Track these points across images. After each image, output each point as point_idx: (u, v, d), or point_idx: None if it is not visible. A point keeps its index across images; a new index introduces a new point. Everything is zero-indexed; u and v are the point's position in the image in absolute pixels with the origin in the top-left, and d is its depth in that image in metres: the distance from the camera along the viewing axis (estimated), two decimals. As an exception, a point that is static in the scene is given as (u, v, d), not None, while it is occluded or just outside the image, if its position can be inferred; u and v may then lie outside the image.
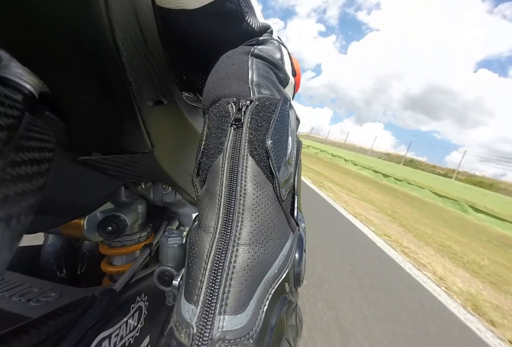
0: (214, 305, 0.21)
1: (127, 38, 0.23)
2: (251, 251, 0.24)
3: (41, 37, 0.20)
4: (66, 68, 0.22)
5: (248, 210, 0.25)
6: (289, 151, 0.29)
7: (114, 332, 0.31)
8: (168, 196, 0.53)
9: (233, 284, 0.22)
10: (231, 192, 0.25)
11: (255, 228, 0.24)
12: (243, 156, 0.27)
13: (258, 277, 0.23)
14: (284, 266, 0.26)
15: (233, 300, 0.21)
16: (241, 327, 0.21)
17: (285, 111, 0.30)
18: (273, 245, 0.25)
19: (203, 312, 0.21)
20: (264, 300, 0.23)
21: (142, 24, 0.25)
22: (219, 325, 0.21)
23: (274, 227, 0.26)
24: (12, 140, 0.13)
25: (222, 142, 0.28)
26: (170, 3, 0.29)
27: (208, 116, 0.30)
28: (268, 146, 0.26)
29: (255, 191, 0.26)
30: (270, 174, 0.26)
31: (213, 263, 0.23)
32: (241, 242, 0.24)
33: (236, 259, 0.23)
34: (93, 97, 0.25)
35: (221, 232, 0.24)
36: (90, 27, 0.20)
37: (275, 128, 0.28)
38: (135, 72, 0.25)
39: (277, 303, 0.25)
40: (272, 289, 0.24)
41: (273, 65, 0.34)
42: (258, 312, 0.23)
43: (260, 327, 0.22)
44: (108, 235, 0.43)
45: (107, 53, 0.22)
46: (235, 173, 0.26)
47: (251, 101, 0.29)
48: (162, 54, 0.31)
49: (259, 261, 0.24)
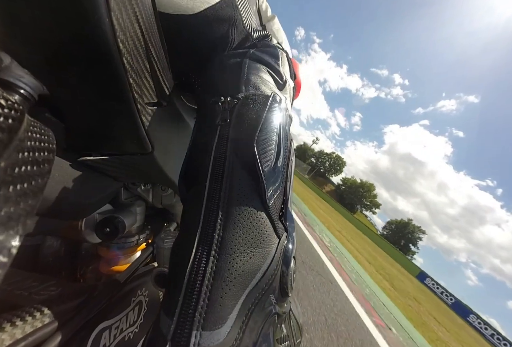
0: (190, 319, 0.19)
1: (128, 39, 0.23)
2: (232, 261, 0.22)
3: (41, 39, 0.20)
4: (66, 70, 0.22)
5: (231, 216, 0.23)
6: (278, 150, 0.27)
7: (115, 324, 0.31)
8: (167, 198, 0.53)
9: (212, 297, 0.20)
10: (213, 198, 0.24)
11: (237, 237, 0.23)
12: (228, 159, 0.26)
13: (239, 289, 0.21)
14: (268, 276, 0.23)
15: (211, 313, 0.20)
16: (219, 344, 0.19)
17: (274, 109, 0.29)
18: (257, 254, 0.23)
19: (178, 327, 0.20)
20: (247, 313, 0.21)
21: (143, 27, 0.26)
22: (194, 342, 0.19)
23: (259, 235, 0.24)
24: (13, 142, 0.13)
25: (209, 143, 0.27)
26: (169, 8, 0.29)
27: (197, 117, 0.30)
28: (256, 145, 0.25)
29: (239, 196, 0.24)
30: (257, 178, 0.25)
31: (191, 274, 0.21)
32: (222, 251, 0.22)
33: (216, 270, 0.21)
34: (92, 98, 0.25)
35: (201, 240, 0.22)
36: (91, 29, 0.20)
37: (263, 128, 0.27)
38: (135, 74, 0.25)
39: (262, 315, 0.23)
40: (256, 301, 0.22)
41: (269, 67, 0.34)
42: (239, 327, 0.21)
43: (241, 343, 0.20)
44: (106, 237, 0.43)
45: (108, 54, 0.22)
46: (219, 177, 0.25)
47: (238, 100, 0.28)
48: (162, 56, 0.32)
49: (240, 272, 0.22)
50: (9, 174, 0.12)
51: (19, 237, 0.13)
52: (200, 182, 0.26)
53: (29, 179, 0.14)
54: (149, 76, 0.29)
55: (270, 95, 0.30)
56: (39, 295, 0.30)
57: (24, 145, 0.14)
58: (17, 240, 0.13)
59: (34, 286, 0.32)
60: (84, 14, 0.19)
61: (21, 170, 0.13)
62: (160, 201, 0.53)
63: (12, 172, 0.12)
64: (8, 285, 0.32)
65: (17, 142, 0.13)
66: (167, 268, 0.31)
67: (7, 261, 0.12)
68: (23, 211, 0.13)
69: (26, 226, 0.13)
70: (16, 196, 0.13)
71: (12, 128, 0.13)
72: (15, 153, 0.13)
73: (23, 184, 0.13)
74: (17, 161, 0.13)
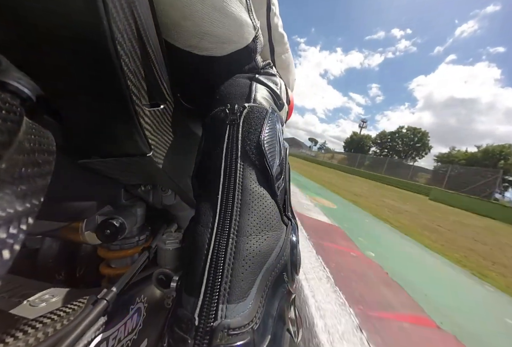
0: (216, 294, 0.22)
1: (126, 41, 0.23)
2: (249, 242, 0.25)
3: (39, 41, 0.20)
4: (64, 72, 0.22)
5: (245, 204, 0.26)
6: (279, 154, 0.32)
7: (112, 335, 0.31)
8: (168, 199, 0.53)
9: (234, 274, 0.23)
10: (229, 188, 0.27)
11: (252, 221, 0.26)
12: (239, 156, 0.29)
13: (257, 266, 0.24)
14: (281, 256, 0.27)
15: (234, 288, 0.22)
16: (243, 315, 0.21)
17: (273, 119, 0.34)
18: (270, 236, 0.26)
19: (205, 302, 0.22)
20: (265, 288, 0.24)
21: (142, 28, 0.26)
22: (221, 315, 0.21)
23: (270, 220, 0.27)
24: (13, 144, 0.13)
25: (220, 144, 0.30)
26: (204, 51, 0.33)
27: (207, 122, 0.34)
28: (262, 145, 0.29)
29: (251, 186, 0.28)
30: (265, 172, 0.29)
31: (213, 255, 0.24)
32: (240, 234, 0.25)
33: (236, 250, 0.24)
34: (90, 100, 0.25)
35: (219, 226, 0.25)
36: (88, 30, 0.20)
37: (267, 131, 0.31)
38: (134, 76, 0.25)
39: (277, 292, 0.26)
40: (273, 278, 0.25)
41: (272, 91, 0.40)
42: (260, 301, 0.23)
43: (262, 316, 0.23)
44: (107, 239, 0.43)
45: (105, 56, 0.22)
46: (232, 171, 0.28)
47: (244, 107, 0.32)
48: (160, 57, 0.32)
49: (258, 251, 0.25)
50: (10, 176, 0.12)
51: (20, 238, 0.13)
52: (213, 177, 0.29)
53: (29, 180, 0.14)
54: (147, 78, 0.29)
55: (269, 109, 0.35)
56: (36, 304, 0.31)
57: (24, 146, 0.14)
58: (18, 241, 0.13)
59: (32, 293, 0.32)
60: (81, 16, 0.19)
61: (22, 171, 0.13)
62: (160, 202, 0.53)
63: (13, 173, 0.12)
64: (6, 293, 0.32)
65: (16, 144, 0.13)
66: (169, 269, 0.31)
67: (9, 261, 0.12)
68: (25, 211, 0.13)
69: (27, 227, 0.13)
70: (18, 198, 0.13)
71: (11, 130, 0.13)
72: (15, 155, 0.13)
73: (24, 185, 0.13)
74: (17, 162, 0.13)
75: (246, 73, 0.41)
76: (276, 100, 0.41)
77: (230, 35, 0.33)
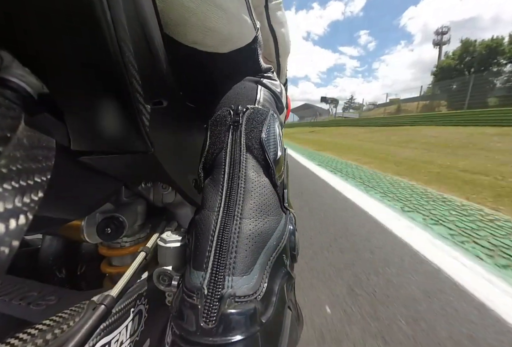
0: (222, 268, 0.24)
1: (129, 38, 0.23)
2: (252, 224, 0.27)
3: (42, 38, 0.20)
4: (66, 69, 0.22)
5: (248, 191, 0.30)
6: (278, 151, 0.34)
7: (114, 338, 0.31)
8: (168, 197, 0.53)
9: (239, 250, 0.25)
10: (233, 178, 0.30)
11: (254, 206, 0.29)
12: (242, 150, 0.32)
13: (260, 246, 0.27)
14: (281, 239, 0.30)
15: (239, 263, 0.25)
16: (248, 287, 0.24)
17: (273, 121, 0.36)
18: (271, 220, 0.29)
19: (212, 275, 0.24)
20: (267, 267, 0.27)
21: (144, 25, 0.25)
22: (228, 285, 0.23)
23: (270, 206, 0.30)
24: (12, 140, 0.13)
25: (224, 140, 0.33)
26: (208, 47, 0.34)
27: (211, 122, 0.36)
28: (263, 141, 0.32)
29: (253, 176, 0.31)
30: (266, 164, 0.32)
31: (219, 234, 0.26)
32: (243, 216, 0.28)
33: (240, 230, 0.26)
34: (92, 97, 0.25)
35: (224, 210, 0.28)
36: (91, 27, 0.20)
37: (267, 131, 0.34)
38: (136, 73, 0.25)
39: (278, 272, 0.28)
40: (273, 259, 0.28)
41: (275, 95, 0.43)
42: (262, 277, 0.26)
43: (265, 289, 0.25)
44: (107, 237, 0.43)
45: (108, 53, 0.22)
46: (236, 163, 0.31)
47: (247, 108, 0.35)
48: (164, 55, 0.31)
49: (259, 232, 0.27)
50: (9, 173, 0.12)
51: (19, 237, 0.13)
52: (219, 168, 0.32)
53: (29, 177, 0.14)
54: (149, 75, 0.29)
55: (269, 111, 0.37)
56: (37, 306, 0.31)
57: (23, 143, 0.14)
58: (17, 240, 0.13)
59: (32, 296, 0.32)
60: (83, 12, 0.19)
61: (21, 168, 0.13)
62: (161, 199, 0.53)
63: (12, 169, 0.12)
64: (6, 295, 0.32)
65: (16, 140, 0.13)
66: (170, 267, 0.31)
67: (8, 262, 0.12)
68: (24, 208, 0.13)
69: (27, 223, 0.13)
70: (17, 195, 0.13)
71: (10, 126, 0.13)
72: (15, 151, 0.13)
73: (24, 181, 0.13)
74: (17, 158, 0.13)
75: (250, 73, 0.44)
76: (278, 103, 0.44)
77: (232, 33, 0.34)
